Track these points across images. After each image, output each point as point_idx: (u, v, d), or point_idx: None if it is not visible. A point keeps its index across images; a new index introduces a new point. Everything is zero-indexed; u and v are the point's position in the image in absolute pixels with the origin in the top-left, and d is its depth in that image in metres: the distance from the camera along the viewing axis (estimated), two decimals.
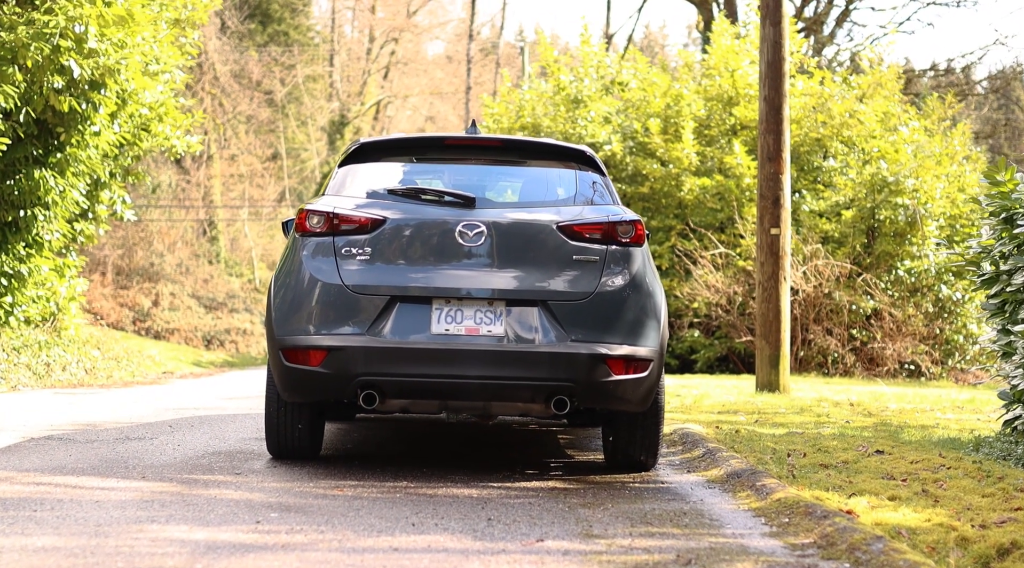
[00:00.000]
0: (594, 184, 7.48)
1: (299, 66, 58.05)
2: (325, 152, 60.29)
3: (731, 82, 25.20)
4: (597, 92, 26.27)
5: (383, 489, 6.42)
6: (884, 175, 22.71)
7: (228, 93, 53.43)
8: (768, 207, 15.06)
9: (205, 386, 16.83)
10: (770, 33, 15.17)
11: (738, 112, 24.77)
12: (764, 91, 15.16)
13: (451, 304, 6.85)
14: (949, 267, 22.57)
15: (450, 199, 7.10)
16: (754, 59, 25.52)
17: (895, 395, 15.51)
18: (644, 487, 6.86)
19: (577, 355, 6.79)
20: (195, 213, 51.98)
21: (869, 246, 23.07)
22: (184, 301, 45.57)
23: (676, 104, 25.19)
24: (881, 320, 22.58)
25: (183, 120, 20.62)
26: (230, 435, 8.94)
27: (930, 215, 22.80)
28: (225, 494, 6.05)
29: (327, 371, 6.80)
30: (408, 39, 65.94)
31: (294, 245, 7.17)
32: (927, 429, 10.16)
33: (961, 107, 30.83)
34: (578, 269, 6.96)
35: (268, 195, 57.12)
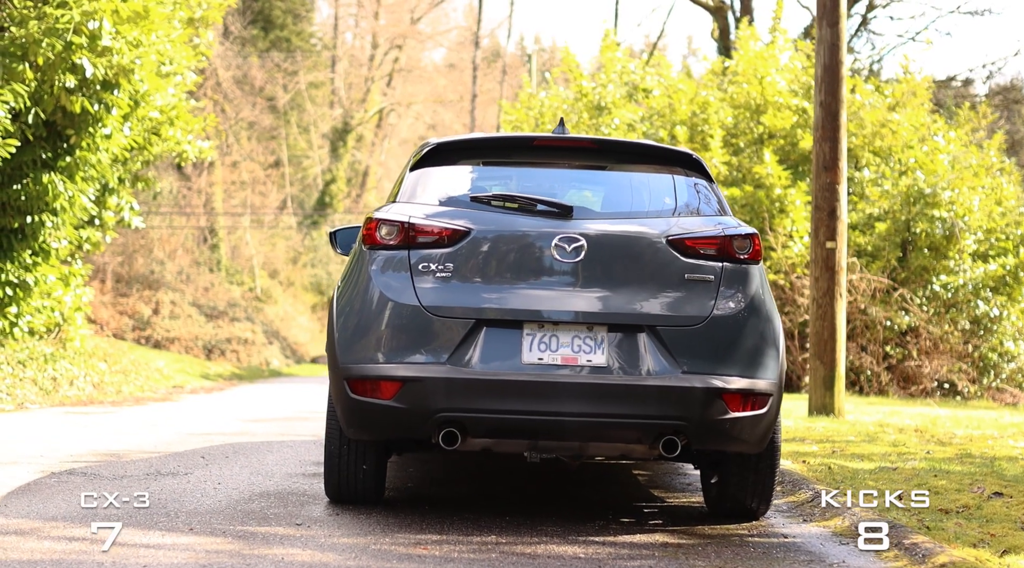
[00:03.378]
0: (701, 191, 6.57)
1: (301, 72, 57.18)
2: (327, 159, 59.40)
3: (759, 90, 24.31)
4: (621, 99, 25.36)
5: (471, 546, 5.51)
6: (921, 186, 21.84)
7: (230, 99, 52.52)
8: (824, 219, 14.16)
9: (220, 404, 15.91)
10: (827, 35, 14.28)
11: (767, 120, 23.88)
12: (820, 96, 14.26)
13: (544, 329, 5.94)
14: (987, 282, 21.74)
15: (543, 208, 6.18)
16: (780, 67, 24.65)
17: (950, 419, 14.63)
18: (768, 543, 5.95)
19: (691, 389, 5.89)
20: (196, 220, 51.03)
21: (904, 260, 22.20)
22: (185, 309, 44.61)
23: (703, 112, 24.30)
24: (917, 337, 21.71)
25: (195, 124, 19.69)
26: (273, 469, 8.02)
27: (968, 228, 21.93)
28: (292, 555, 5.13)
29: (402, 406, 5.88)
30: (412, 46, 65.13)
31: (360, 259, 6.25)
32: (1018, 461, 9.30)
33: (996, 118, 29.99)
34: (690, 289, 6.05)
35: (270, 202, 56.20)
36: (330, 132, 60.03)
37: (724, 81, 25.64)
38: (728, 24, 34.86)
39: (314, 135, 59.69)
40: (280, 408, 15.08)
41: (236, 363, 40.06)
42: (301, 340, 54.16)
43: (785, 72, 24.61)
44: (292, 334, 53.16)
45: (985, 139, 24.99)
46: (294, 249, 56.97)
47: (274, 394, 19.43)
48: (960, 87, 40.50)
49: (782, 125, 23.58)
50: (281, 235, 56.53)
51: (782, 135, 23.76)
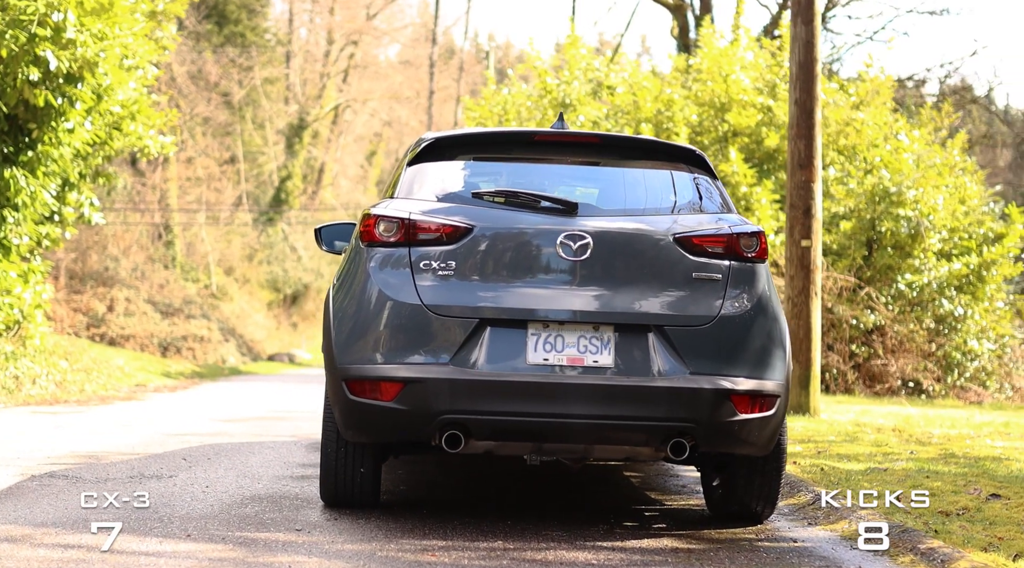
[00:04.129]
0: (705, 188, 6.43)
1: (257, 68, 56.71)
2: (283, 156, 58.97)
3: (724, 88, 24.26)
4: (586, 96, 25.24)
5: (480, 552, 5.35)
6: (886, 185, 21.85)
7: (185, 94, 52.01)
8: (799, 217, 14.08)
9: (188, 403, 15.66)
10: (801, 32, 14.21)
11: (732, 118, 23.82)
12: (795, 94, 14.19)
13: (549, 329, 5.78)
14: (951, 281, 21.79)
15: (547, 205, 6.02)
16: (745, 65, 24.60)
17: (922, 418, 14.61)
18: (779, 548, 5.83)
19: (700, 391, 5.75)
20: (150, 216, 50.50)
21: (869, 258, 22.21)
22: (140, 307, 44.10)
23: (668, 110, 24.23)
24: (883, 336, 21.72)
25: (156, 119, 19.37)
26: (259, 472, 7.82)
27: (933, 227, 21.97)
28: (299, 563, 4.96)
29: (403, 407, 5.71)
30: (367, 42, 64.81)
31: (357, 257, 6.08)
32: (1002, 461, 9.24)
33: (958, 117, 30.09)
34: (697, 289, 5.92)
35: (225, 199, 55.72)
36: (286, 128, 59.61)
37: (688, 79, 25.57)
38: (687, 22, 34.83)
39: (269, 131, 59.25)
40: (251, 407, 14.85)
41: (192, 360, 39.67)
42: (257, 337, 53.77)
43: (749, 70, 24.57)
44: (248, 331, 52.77)
45: (948, 138, 25.06)
46: (250, 246, 56.55)
47: (240, 393, 19.18)
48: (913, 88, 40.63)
49: (747, 123, 23.54)
50: (237, 232, 56.08)
51: (747, 133, 23.72)
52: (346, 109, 64.65)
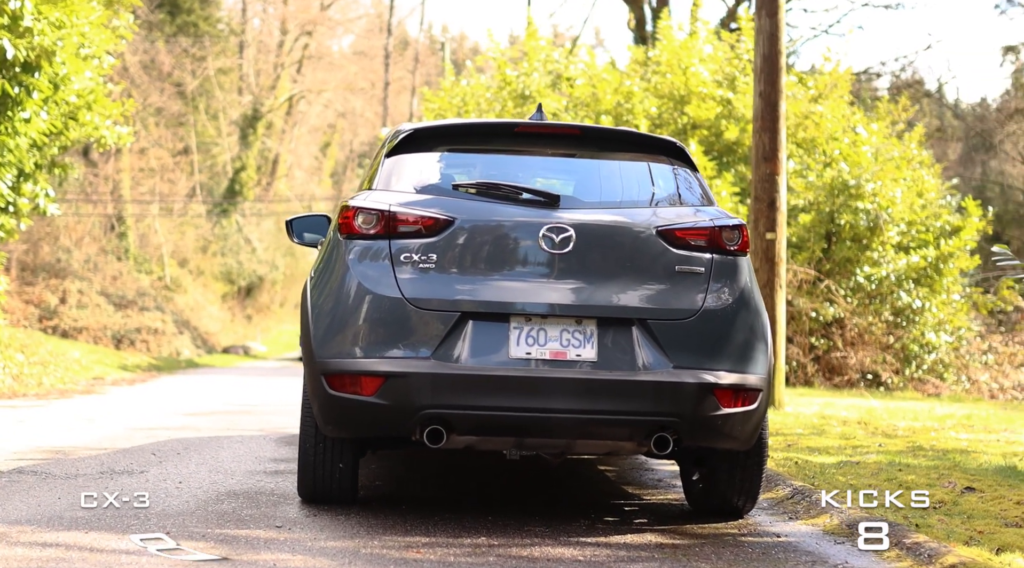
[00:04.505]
0: (686, 180, 6.38)
1: (210, 58, 56.27)
2: (237, 147, 58.59)
3: (683, 80, 24.26)
4: (546, 87, 25.17)
5: (464, 549, 5.28)
6: (845, 178, 21.92)
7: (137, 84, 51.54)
8: (763, 210, 14.09)
9: (148, 396, 15.50)
10: (766, 24, 14.20)
11: (691, 111, 23.83)
12: (759, 86, 14.18)
13: (532, 323, 5.72)
14: (909, 274, 21.90)
15: (529, 197, 5.96)
16: (704, 58, 24.62)
17: (884, 410, 14.68)
18: (764, 543, 5.79)
19: (683, 385, 5.71)
20: (103, 208, 50.03)
21: (828, 251, 22.29)
22: (93, 299, 43.70)
23: (627, 102, 24.20)
24: (842, 328, 21.81)
25: (113, 109, 19.14)
26: (231, 467, 7.72)
27: (891, 220, 22.07)
28: (283, 561, 4.88)
29: (384, 402, 5.64)
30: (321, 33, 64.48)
31: (335, 249, 5.99)
32: (969, 454, 9.29)
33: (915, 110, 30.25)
34: (680, 282, 5.87)
35: (179, 190, 55.30)
36: (239, 119, 59.22)
37: (647, 71, 25.55)
38: (644, 14, 34.87)
39: (223, 122, 58.83)
40: (214, 401, 14.72)
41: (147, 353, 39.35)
42: (212, 330, 53.44)
43: (708, 63, 24.58)
44: (203, 324, 52.42)
45: (905, 132, 25.18)
46: (204, 238, 56.17)
47: (200, 386, 19.02)
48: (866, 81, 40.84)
49: (706, 116, 23.56)
50: (190, 223, 55.67)
51: (706, 126, 23.73)
52: (300, 100, 64.33)
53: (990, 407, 17.06)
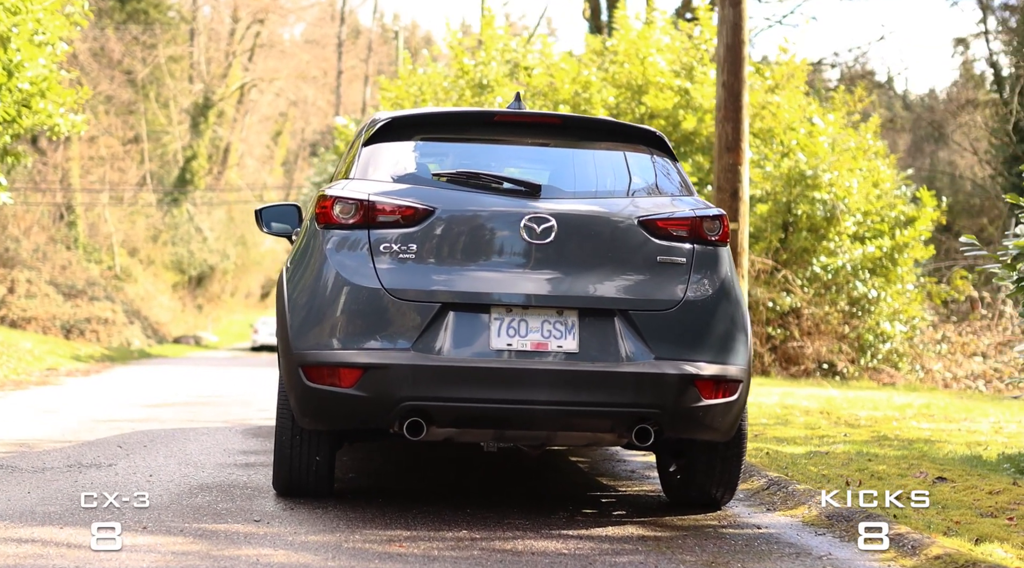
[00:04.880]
0: (666, 171, 6.34)
1: (160, 46, 55.80)
2: (188, 135, 58.17)
3: (641, 70, 24.25)
4: (504, 77, 25.10)
5: (447, 543, 5.22)
6: (802, 168, 22.00)
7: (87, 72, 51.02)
8: (726, 200, 14.10)
9: (106, 387, 15.33)
10: (729, 14, 14.21)
11: (648, 101, 23.83)
12: (723, 76, 14.19)
13: (513, 313, 5.66)
14: (865, 264, 22.00)
15: (510, 186, 5.90)
16: (661, 47, 24.61)
17: (844, 400, 14.73)
18: (745, 535, 5.77)
19: (665, 376, 5.67)
20: (52, 196, 49.50)
21: (785, 241, 22.36)
22: (42, 288, 43.24)
23: (585, 91, 24.17)
24: (799, 318, 21.89)
25: (67, 97, 18.89)
26: (200, 460, 7.62)
27: (848, 210, 22.16)
28: (266, 556, 4.79)
29: (363, 394, 5.56)
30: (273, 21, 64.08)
31: (313, 239, 5.91)
32: (934, 444, 9.33)
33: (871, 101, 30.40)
34: (661, 272, 5.83)
35: (129, 179, 54.83)
36: (190, 107, 58.79)
37: (605, 61, 25.52)
38: (599, 3, 34.81)
39: (174, 110, 58.38)
40: (173, 392, 14.57)
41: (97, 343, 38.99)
42: (163, 320, 53.06)
43: (666, 52, 24.57)
44: (154, 313, 52.04)
45: (861, 122, 25.28)
46: (154, 227, 55.74)
47: (156, 377, 18.84)
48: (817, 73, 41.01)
49: (664, 105, 23.56)
50: (141, 212, 55.24)
51: (664, 115, 23.73)
52: (252, 88, 63.93)
53: (946, 396, 17.18)
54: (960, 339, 23.99)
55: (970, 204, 40.73)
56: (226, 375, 21.15)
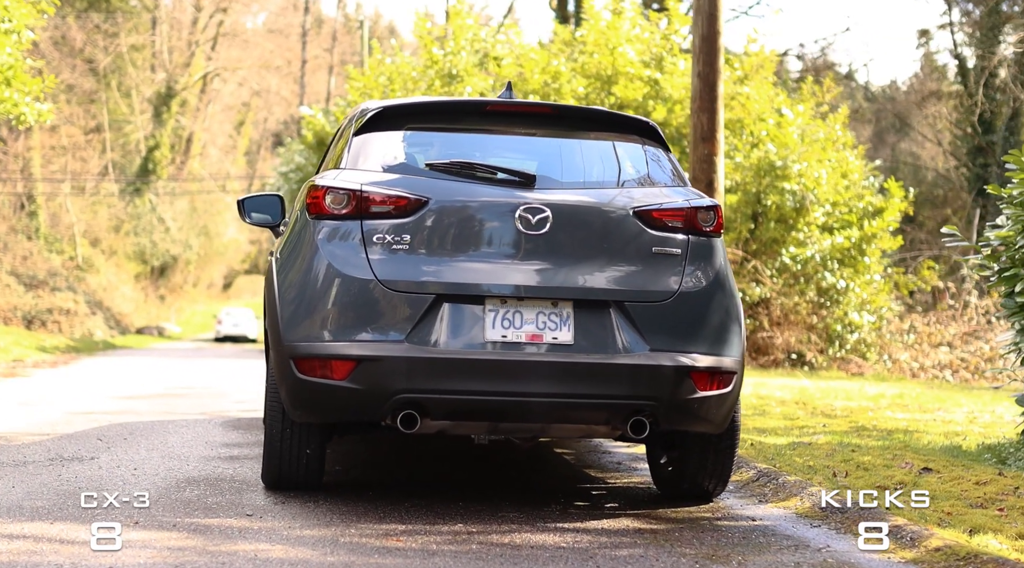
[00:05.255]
0: (660, 161, 6.29)
1: (123, 34, 55.33)
2: (150, 125, 57.73)
3: (610, 60, 24.19)
4: (473, 67, 25.00)
5: (445, 536, 5.16)
6: (772, 159, 22.03)
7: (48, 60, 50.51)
8: (702, 190, 14.06)
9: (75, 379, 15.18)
10: (705, 4, 14.16)
11: (618, 91, 23.77)
12: (698, 67, 14.15)
13: (507, 305, 5.61)
14: (834, 254, 22.07)
15: (504, 177, 5.83)
16: (631, 38, 24.56)
17: (817, 390, 14.77)
18: (740, 527, 5.73)
19: (661, 368, 5.63)
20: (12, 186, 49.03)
21: (755, 231, 22.39)
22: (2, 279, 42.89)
23: (555, 82, 24.09)
24: (769, 308, 21.94)
25: (33, 85, 18.70)
26: (183, 452, 7.53)
27: (817, 201, 22.22)
28: (264, 551, 4.72)
29: (357, 386, 5.49)
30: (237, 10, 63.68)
31: (303, 230, 5.83)
32: (912, 434, 9.35)
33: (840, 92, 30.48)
34: (657, 263, 5.79)
35: (91, 169, 54.37)
36: (153, 97, 58.33)
37: (574, 51, 25.45)
38: None
39: (136, 100, 57.92)
40: (144, 384, 14.45)
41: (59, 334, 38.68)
42: (125, 310, 52.73)
43: (635, 43, 24.52)
44: (116, 304, 51.72)
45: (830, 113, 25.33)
46: (117, 217, 55.34)
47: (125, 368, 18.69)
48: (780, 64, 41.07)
49: (633, 96, 23.51)
50: (103, 202, 54.82)
51: (633, 106, 23.68)
52: (215, 78, 63.49)
53: (916, 386, 17.27)
54: (926, 329, 24.12)
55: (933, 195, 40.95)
56: (194, 366, 21.01)
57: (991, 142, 35.34)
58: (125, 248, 56.00)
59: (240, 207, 7.58)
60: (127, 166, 58.21)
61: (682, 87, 23.42)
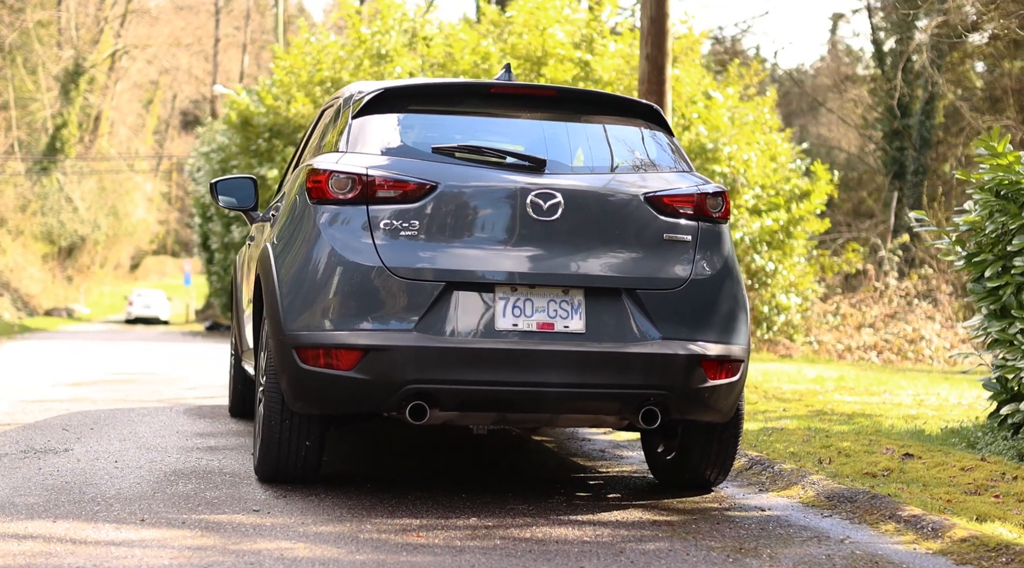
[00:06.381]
0: (665, 146, 6.18)
1: (28, 10, 54.10)
2: (57, 103, 56.57)
3: (540, 41, 24.06)
4: (403, 47, 24.71)
5: (464, 532, 5.02)
6: (703, 141, 22.05)
7: None
8: None
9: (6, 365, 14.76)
10: None
11: (548, 72, 23.66)
12: (646, 49, 14.07)
13: (518, 292, 5.47)
14: (763, 237, 22.17)
15: (513, 161, 5.69)
16: (561, 20, 24.44)
17: (761, 373, 14.80)
18: (752, 517, 5.65)
19: (674, 357, 5.53)
20: None
21: None
22: None
23: (484, 62, 23.92)
24: None
25: None
26: (158, 443, 7.29)
27: (747, 183, 22.30)
28: (288, 549, 4.55)
29: (364, 377, 5.33)
30: None
31: (303, 215, 5.64)
32: (872, 418, 9.37)
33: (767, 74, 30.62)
34: (668, 250, 5.68)
35: None
36: (60, 74, 57.15)
37: (504, 31, 25.28)
38: None
39: (43, 77, 56.71)
40: (84, 369, 14.11)
41: None
42: (33, 291, 51.79)
43: (565, 24, 24.41)
44: (24, 285, 50.75)
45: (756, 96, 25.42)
46: (23, 196, 54.23)
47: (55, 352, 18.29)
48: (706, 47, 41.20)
49: (563, 78, 23.40)
50: (9, 181, 53.67)
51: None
52: (123, 55, 62.38)
53: (850, 368, 17.38)
54: (852, 311, 24.38)
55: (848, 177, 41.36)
56: (126, 350, 20.63)
57: (907, 126, 35.78)
58: (32, 228, 54.90)
59: (213, 190, 7.45)
60: (34, 145, 57.05)
61: (613, 69, 23.37)
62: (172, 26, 63.99)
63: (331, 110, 6.63)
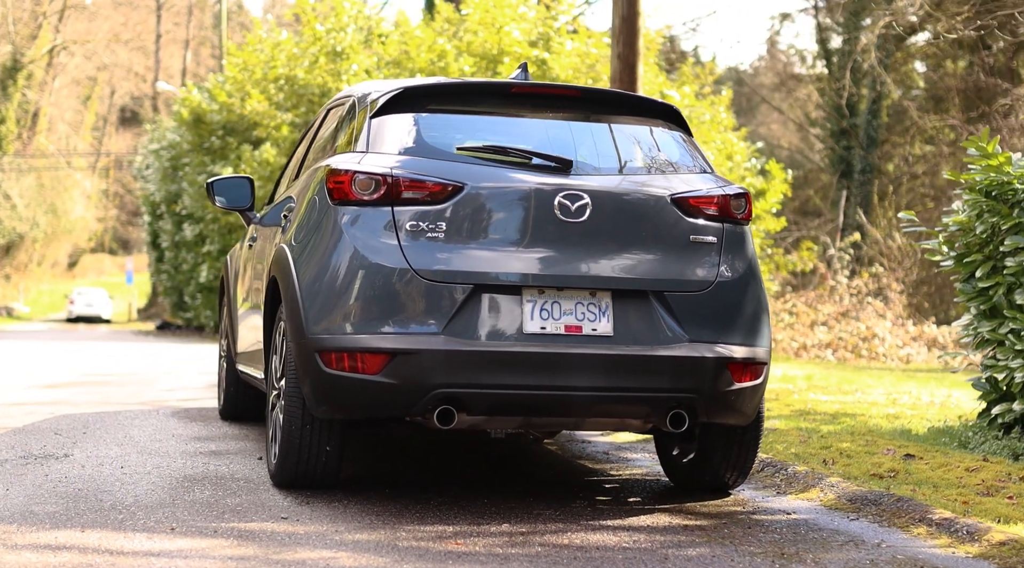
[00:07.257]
0: (687, 147, 6.13)
1: None
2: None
3: (496, 39, 24.01)
4: (358, 44, 24.54)
5: (502, 540, 4.93)
6: None
7: None
8: None
9: None
10: None
11: (504, 70, 23.63)
12: (617, 48, 14.03)
13: (545, 295, 5.41)
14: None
15: (540, 162, 5.61)
16: (516, 18, 24.42)
17: None
18: (781, 521, 5.62)
19: (702, 360, 5.49)
20: None
21: None
22: None
23: (441, 60, 23.83)
24: None
25: None
26: (156, 447, 7.14)
27: None
28: (332, 559, 4.44)
29: (391, 381, 5.24)
30: None
31: (324, 217, 5.54)
32: (855, 417, 9.39)
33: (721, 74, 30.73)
34: (695, 252, 5.64)
35: None
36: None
37: (460, 29, 25.20)
38: None
39: None
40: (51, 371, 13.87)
41: None
42: None
43: (521, 22, 24.39)
44: None
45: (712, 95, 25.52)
46: None
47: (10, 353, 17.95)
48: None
49: None
50: None
51: None
52: (62, 51, 61.62)
53: (813, 366, 17.46)
54: (802, 309, 24.51)
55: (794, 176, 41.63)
56: (83, 350, 20.38)
57: (854, 125, 36.03)
58: None
59: (209, 190, 7.38)
60: None
61: (570, 67, 23.36)
62: (112, 22, 63.30)
63: (339, 109, 6.52)
